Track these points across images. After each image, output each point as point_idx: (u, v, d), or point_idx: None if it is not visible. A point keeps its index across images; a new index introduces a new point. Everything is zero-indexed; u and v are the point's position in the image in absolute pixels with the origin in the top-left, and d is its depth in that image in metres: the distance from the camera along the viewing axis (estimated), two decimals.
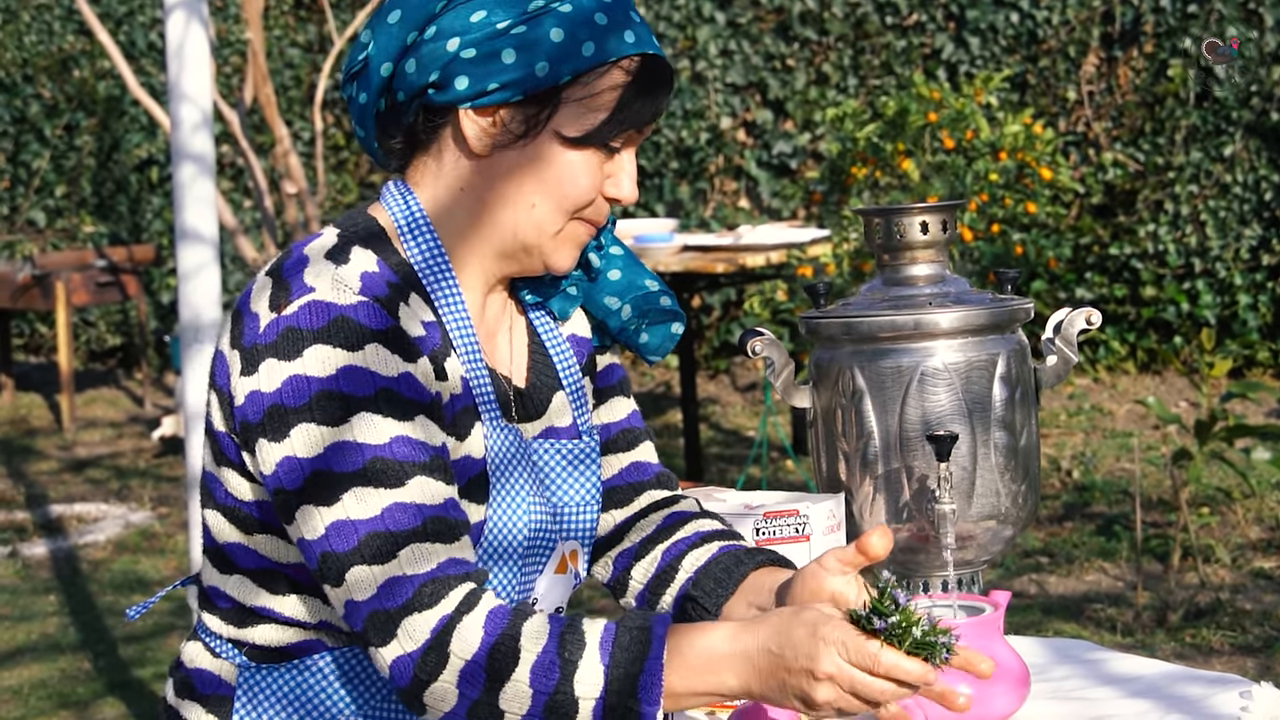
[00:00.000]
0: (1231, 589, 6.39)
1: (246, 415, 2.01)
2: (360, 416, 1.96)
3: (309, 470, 1.96)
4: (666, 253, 8.20)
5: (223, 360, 2.08)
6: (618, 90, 2.09)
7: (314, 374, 1.97)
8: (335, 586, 1.97)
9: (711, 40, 11.03)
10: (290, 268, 2.04)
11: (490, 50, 2.05)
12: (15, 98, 12.59)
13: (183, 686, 2.20)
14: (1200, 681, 2.51)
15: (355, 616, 1.96)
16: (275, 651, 2.13)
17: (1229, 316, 9.91)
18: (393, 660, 1.94)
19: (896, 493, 2.48)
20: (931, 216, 2.53)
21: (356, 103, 2.16)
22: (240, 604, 2.13)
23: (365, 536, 1.94)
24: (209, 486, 2.14)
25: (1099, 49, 10.31)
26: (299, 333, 1.98)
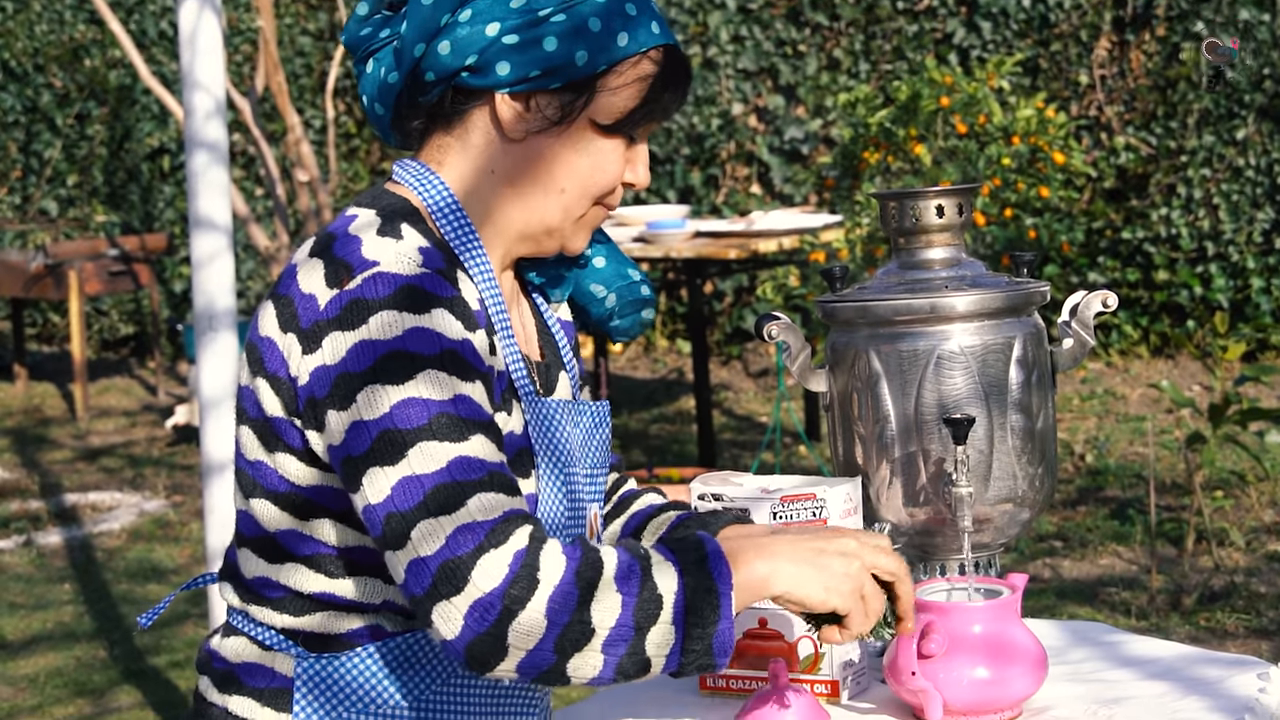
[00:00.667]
0: (1246, 572, 6.38)
1: (314, 392, 2.00)
2: (426, 373, 1.95)
3: (375, 432, 1.94)
4: (679, 239, 8.19)
5: (271, 346, 2.06)
6: (648, 80, 2.13)
7: (379, 337, 1.96)
8: (399, 548, 1.92)
9: (723, 26, 11.02)
10: (342, 246, 2.04)
11: (533, 37, 2.08)
12: (27, 87, 12.60)
13: (227, 681, 2.16)
14: (1218, 664, 2.51)
15: (421, 575, 1.90)
16: (333, 640, 2.10)
17: (1242, 300, 9.90)
18: (470, 606, 1.88)
19: (913, 476, 2.48)
20: (947, 200, 2.53)
21: (377, 80, 2.17)
22: (296, 592, 2.10)
23: (431, 490, 1.91)
24: (254, 476, 2.11)
25: (1111, 33, 10.29)
26: (364, 303, 1.98)
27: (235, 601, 2.18)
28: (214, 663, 2.19)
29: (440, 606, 1.89)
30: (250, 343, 2.10)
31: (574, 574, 1.91)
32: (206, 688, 2.19)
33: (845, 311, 2.52)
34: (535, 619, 1.88)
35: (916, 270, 2.54)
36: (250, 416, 2.10)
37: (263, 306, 2.09)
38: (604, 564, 1.94)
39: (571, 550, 1.94)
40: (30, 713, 5.78)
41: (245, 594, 2.16)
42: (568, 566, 1.92)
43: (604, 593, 1.92)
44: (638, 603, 1.93)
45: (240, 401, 2.12)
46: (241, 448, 2.13)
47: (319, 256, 2.05)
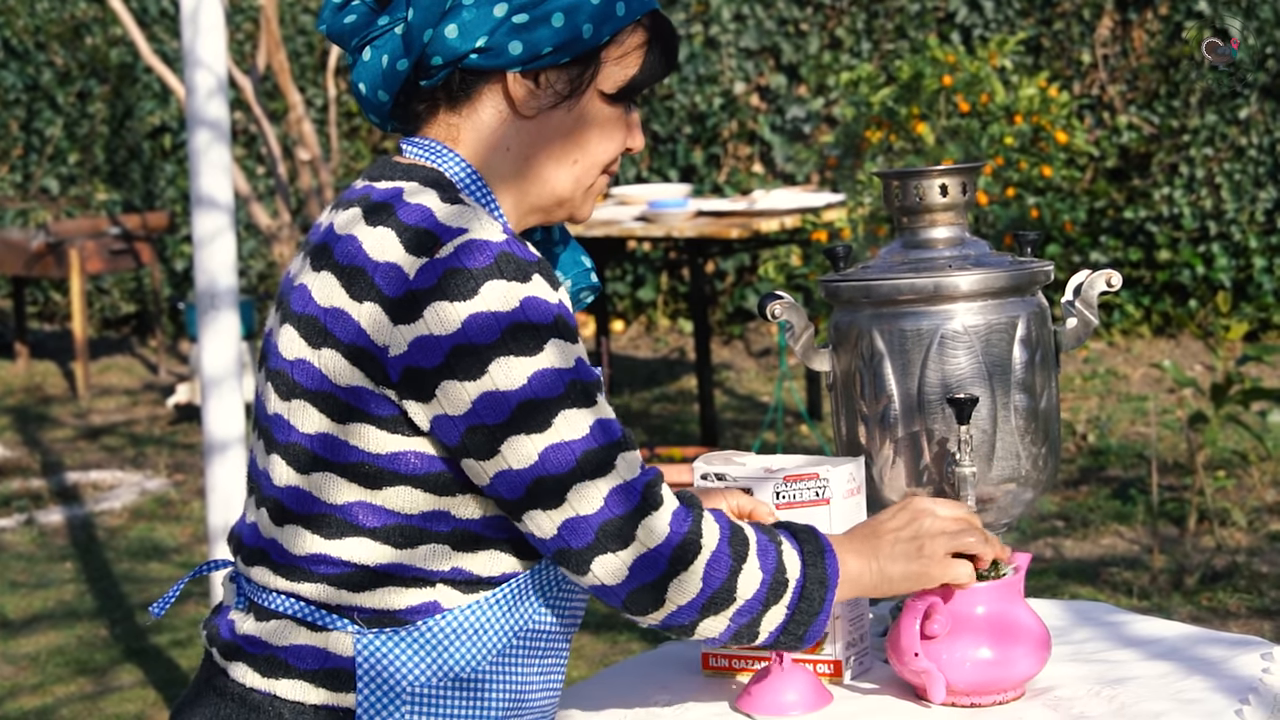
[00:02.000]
0: (1248, 552, 6.39)
1: (416, 362, 2.00)
2: (551, 342, 2.01)
3: (515, 401, 1.99)
4: (680, 218, 8.19)
5: (341, 316, 2.05)
6: (644, 46, 2.19)
7: (498, 309, 1.99)
8: (552, 508, 2.02)
9: (725, 4, 11.01)
10: (411, 213, 2.06)
11: (541, 14, 2.11)
12: (28, 65, 12.58)
13: (272, 666, 2.12)
14: (1221, 644, 2.50)
15: (582, 531, 2.02)
16: (391, 615, 2.09)
17: (1244, 280, 9.89)
18: (637, 559, 2.03)
19: (916, 456, 2.47)
20: (951, 179, 2.52)
21: (379, 68, 2.17)
22: (354, 565, 2.08)
23: (582, 455, 2.01)
24: (316, 449, 2.09)
25: (1113, 11, 10.28)
26: (466, 272, 1.99)
27: (273, 582, 2.14)
28: (250, 648, 2.14)
29: (604, 558, 2.03)
30: (307, 315, 2.08)
31: (727, 541, 2.08)
32: (243, 674, 2.14)
33: (849, 291, 2.51)
34: (694, 579, 2.05)
35: (920, 249, 2.53)
36: (308, 389, 2.08)
37: (315, 278, 2.09)
38: (749, 537, 2.10)
39: (720, 517, 2.10)
40: (32, 691, 5.79)
41: (289, 573, 2.12)
42: (721, 533, 2.08)
43: (750, 565, 2.09)
44: (771, 580, 2.10)
45: (290, 375, 2.09)
46: (294, 421, 2.10)
47: (385, 226, 2.06)
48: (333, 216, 2.14)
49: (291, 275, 2.17)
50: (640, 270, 11.36)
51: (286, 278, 2.19)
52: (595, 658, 5.73)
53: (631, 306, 11.50)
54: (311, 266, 2.10)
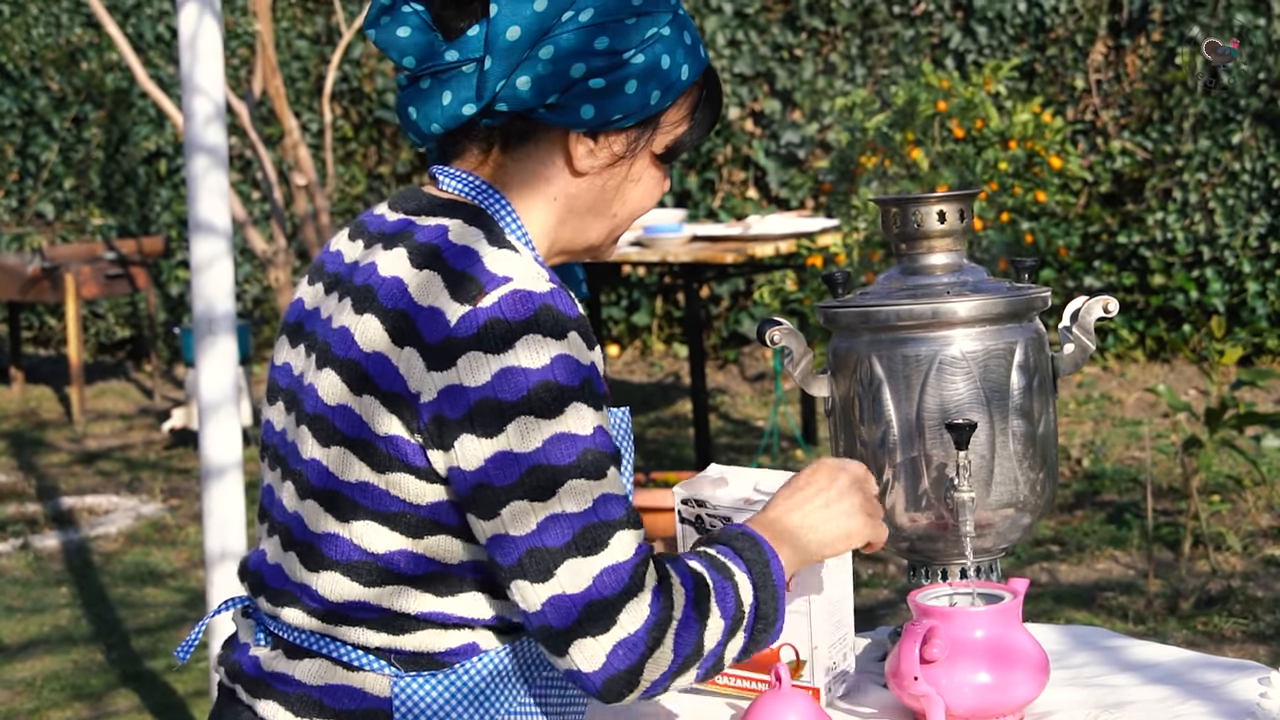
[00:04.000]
0: (1243, 576, 6.39)
1: (442, 410, 1.98)
2: (573, 406, 1.97)
3: (525, 465, 1.96)
4: (675, 243, 8.20)
5: (383, 362, 2.03)
6: (694, 108, 2.21)
7: (529, 365, 1.96)
8: (539, 582, 1.98)
9: (719, 30, 11.03)
10: (458, 258, 2.03)
11: (617, 80, 2.10)
12: (23, 90, 12.60)
13: (305, 705, 2.12)
14: (1218, 668, 2.51)
15: (567, 611, 1.98)
16: (428, 658, 2.09)
17: (1238, 304, 9.91)
18: (615, 645, 1.98)
19: (915, 481, 2.48)
20: (949, 205, 2.54)
21: (445, 107, 2.12)
22: (400, 613, 2.07)
23: (580, 530, 1.97)
24: (357, 498, 2.07)
25: (1107, 37, 10.31)
26: (505, 324, 1.97)
27: (308, 624, 2.13)
28: (280, 685, 2.14)
29: (582, 642, 1.98)
30: (349, 360, 2.05)
31: (691, 604, 2.04)
32: (275, 711, 2.13)
33: (847, 317, 2.52)
34: (666, 654, 2.01)
35: (918, 275, 2.54)
36: (348, 436, 2.05)
37: (359, 321, 2.06)
38: (709, 588, 2.06)
39: (684, 576, 2.06)
40: (28, 716, 5.78)
41: (326, 616, 2.11)
42: (686, 597, 2.04)
43: (713, 618, 2.05)
44: (731, 621, 2.07)
45: (329, 420, 2.07)
46: (332, 469, 2.08)
47: (430, 269, 2.03)
48: (371, 254, 2.11)
49: (321, 312, 2.14)
50: (635, 295, 11.37)
51: (306, 311, 2.17)
52: None
53: (626, 331, 11.51)
54: (354, 309, 2.07)
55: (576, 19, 2.07)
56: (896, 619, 5.94)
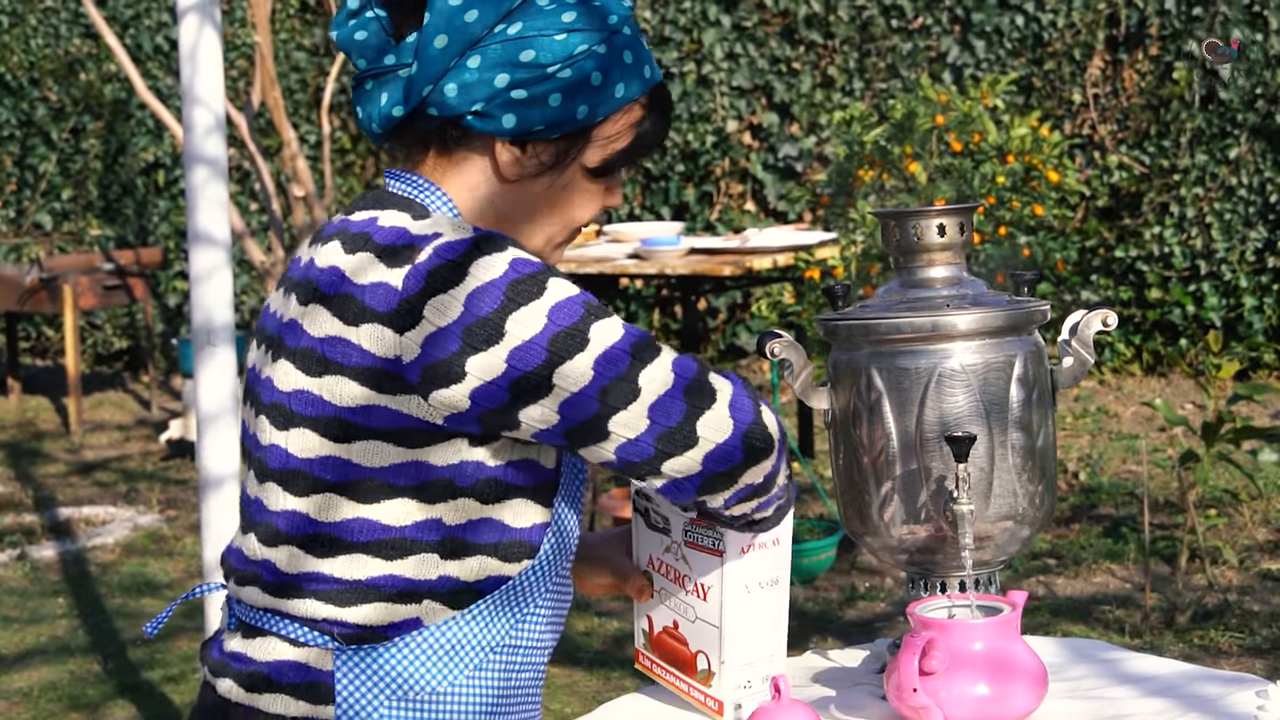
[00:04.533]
0: (1239, 590, 6.40)
1: (432, 357, 2.05)
2: (551, 281, 2.08)
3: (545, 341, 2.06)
4: (673, 256, 8.21)
5: (338, 343, 2.11)
6: (636, 124, 2.26)
7: (490, 278, 2.06)
8: (629, 403, 2.08)
9: (717, 43, 11.05)
10: (387, 235, 2.13)
11: (540, 93, 2.18)
12: (22, 101, 12.61)
13: (255, 681, 2.21)
14: (1216, 681, 2.52)
15: (668, 410, 2.09)
16: (372, 632, 2.17)
17: (1235, 319, 9.92)
18: (729, 404, 2.12)
19: (914, 493, 2.49)
20: (949, 219, 2.54)
21: (380, 108, 2.24)
22: (345, 581, 2.16)
23: (631, 347, 2.09)
24: (316, 472, 2.15)
25: (1104, 52, 10.32)
26: (449, 264, 2.07)
27: (262, 602, 2.22)
28: (236, 664, 2.23)
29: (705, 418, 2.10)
30: (302, 349, 2.14)
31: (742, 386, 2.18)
32: (229, 689, 2.23)
33: (847, 329, 2.53)
34: (769, 415, 2.16)
35: (918, 289, 2.55)
36: (306, 416, 2.14)
37: (307, 312, 2.14)
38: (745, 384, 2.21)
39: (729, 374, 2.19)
40: None
41: (277, 591, 2.20)
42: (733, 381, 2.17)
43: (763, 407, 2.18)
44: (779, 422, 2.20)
45: (288, 405, 2.16)
46: (292, 449, 2.16)
47: (363, 250, 2.13)
48: (312, 252, 2.21)
49: (277, 313, 2.23)
50: (633, 307, 11.38)
51: (271, 316, 2.25)
52: (589, 694, 5.73)
53: None
54: (299, 302, 2.16)
55: (505, 31, 2.17)
56: (894, 631, 5.95)
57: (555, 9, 2.19)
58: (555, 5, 2.19)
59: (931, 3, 10.61)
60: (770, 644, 2.43)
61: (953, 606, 2.42)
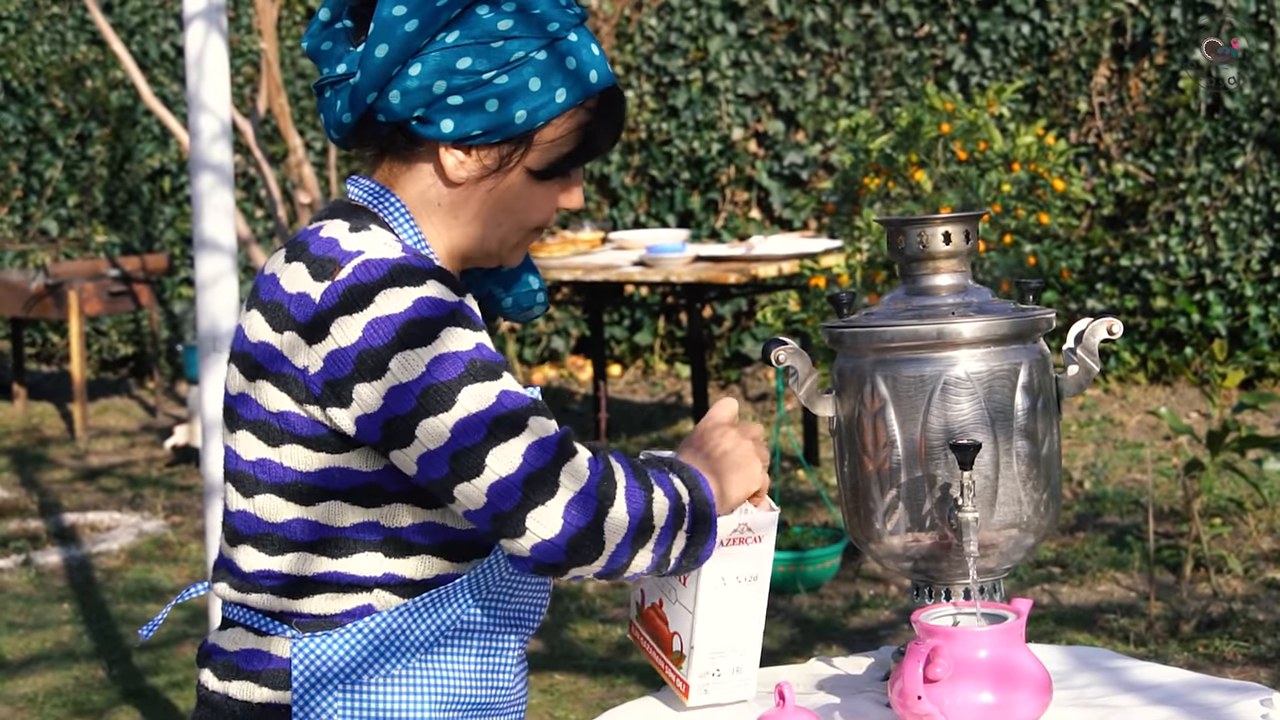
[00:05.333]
0: (1244, 600, 6.39)
1: (331, 374, 2.16)
2: (445, 331, 2.14)
3: (418, 390, 2.12)
4: (678, 263, 8.21)
5: (267, 349, 2.22)
6: (582, 128, 2.32)
7: (391, 312, 2.14)
8: (474, 477, 2.13)
9: (723, 51, 11.05)
10: (319, 246, 2.23)
11: (475, 99, 2.25)
12: (28, 107, 12.62)
13: (226, 670, 2.32)
14: (1221, 689, 2.52)
15: (509, 491, 2.12)
16: (326, 620, 2.27)
17: (1240, 327, 9.92)
18: (566, 504, 2.12)
19: (919, 501, 2.49)
20: (954, 227, 2.55)
21: (334, 112, 2.33)
22: (293, 577, 2.26)
23: (492, 421, 2.12)
24: (256, 474, 2.26)
25: (1110, 60, 10.33)
26: (361, 287, 2.16)
27: (231, 595, 2.33)
28: (214, 656, 2.35)
29: (536, 512, 2.12)
30: (242, 352, 2.26)
31: (631, 474, 2.19)
32: (207, 679, 2.35)
33: (853, 337, 2.53)
34: (621, 514, 2.15)
35: (923, 296, 2.55)
36: (248, 419, 2.26)
37: (247, 317, 2.27)
38: (644, 470, 2.21)
39: (618, 456, 2.21)
40: None
41: (241, 586, 2.31)
42: (625, 468, 2.19)
43: (657, 492, 2.19)
44: (673, 504, 2.21)
45: (235, 409, 2.28)
46: (239, 452, 2.29)
47: (297, 260, 2.23)
48: (267, 261, 2.31)
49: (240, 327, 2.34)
50: (638, 315, 11.38)
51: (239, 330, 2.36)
52: (593, 701, 5.73)
53: (629, 351, 11.52)
54: (245, 307, 2.29)
55: (444, 39, 2.25)
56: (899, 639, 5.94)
57: (492, 17, 2.26)
58: (492, 14, 2.26)
59: (937, 11, 10.62)
60: (743, 638, 2.46)
61: (957, 614, 2.42)
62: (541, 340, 11.63)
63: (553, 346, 11.60)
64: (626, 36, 11.40)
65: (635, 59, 11.35)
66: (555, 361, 11.66)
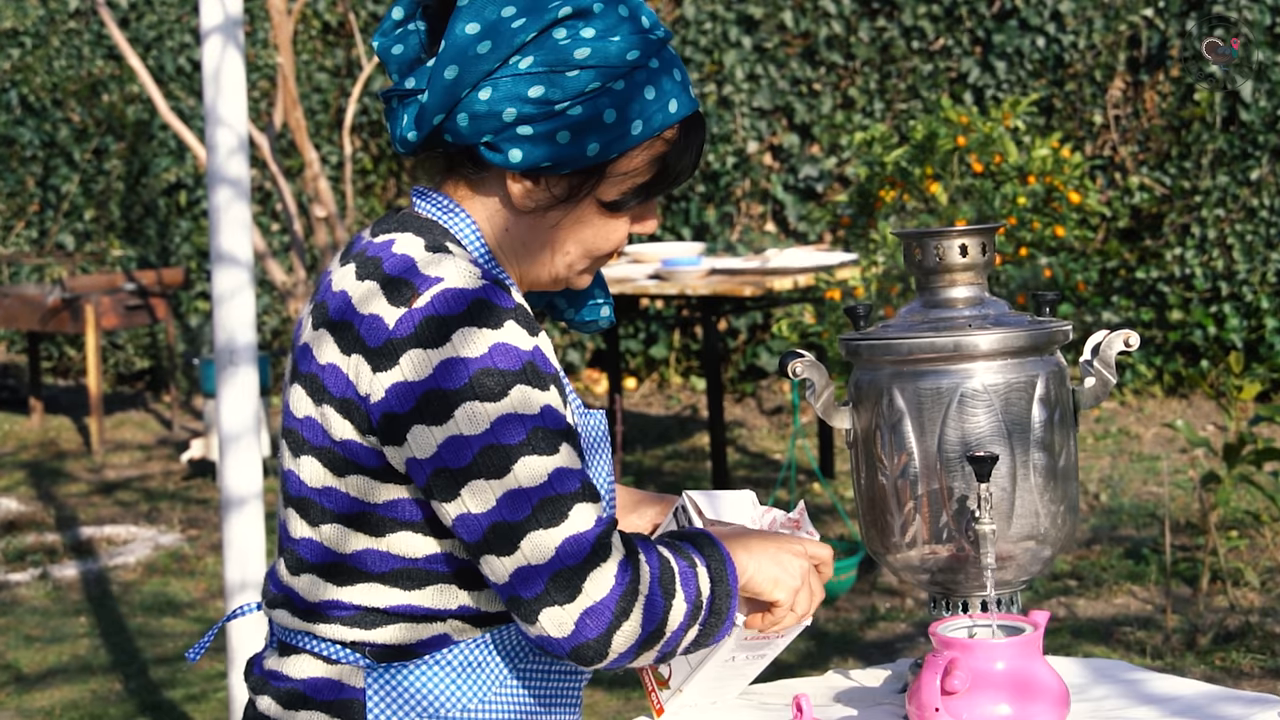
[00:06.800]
0: (1261, 612, 6.38)
1: (392, 407, 2.09)
2: (516, 389, 2.07)
3: (478, 446, 2.06)
4: (693, 276, 8.21)
5: (335, 372, 2.14)
6: (660, 159, 2.23)
7: (468, 355, 2.06)
8: (505, 555, 2.08)
9: (738, 65, 11.06)
10: (395, 266, 2.13)
11: (546, 130, 2.16)
12: (45, 122, 12.65)
13: (292, 699, 2.24)
14: (1239, 701, 2.52)
15: (533, 581, 2.07)
16: (402, 650, 2.20)
17: (1256, 340, 9.91)
18: (583, 613, 2.08)
19: (936, 513, 2.49)
20: (971, 239, 2.55)
21: (401, 126, 2.24)
22: (366, 608, 2.19)
23: (539, 503, 2.06)
24: (324, 503, 2.19)
25: (1125, 73, 10.32)
26: (439, 319, 2.07)
27: (293, 624, 2.25)
28: (274, 682, 2.26)
29: (551, 611, 2.08)
30: (308, 373, 2.18)
31: (658, 581, 2.14)
32: (268, 707, 2.26)
33: (869, 349, 2.53)
34: (634, 628, 2.11)
35: (940, 309, 2.55)
36: (314, 445, 2.18)
37: (315, 336, 2.18)
38: (674, 571, 2.16)
39: (650, 555, 2.16)
40: None
41: (307, 616, 2.23)
42: (652, 575, 2.14)
43: (677, 599, 2.15)
44: (692, 609, 2.17)
45: (299, 433, 2.19)
46: (304, 477, 2.20)
47: (371, 279, 2.13)
48: (335, 271, 2.22)
49: (300, 328, 2.26)
50: (653, 328, 11.39)
51: (297, 330, 2.28)
52: (609, 714, 5.74)
53: (644, 364, 11.52)
54: (312, 325, 2.20)
55: (516, 65, 2.15)
56: (916, 652, 5.94)
57: (569, 44, 2.15)
58: (570, 40, 2.16)
59: (952, 24, 10.62)
60: (731, 688, 2.49)
61: (974, 626, 2.42)
62: (557, 353, 11.63)
63: (568, 360, 11.61)
64: None
65: None
66: (571, 374, 11.67)
